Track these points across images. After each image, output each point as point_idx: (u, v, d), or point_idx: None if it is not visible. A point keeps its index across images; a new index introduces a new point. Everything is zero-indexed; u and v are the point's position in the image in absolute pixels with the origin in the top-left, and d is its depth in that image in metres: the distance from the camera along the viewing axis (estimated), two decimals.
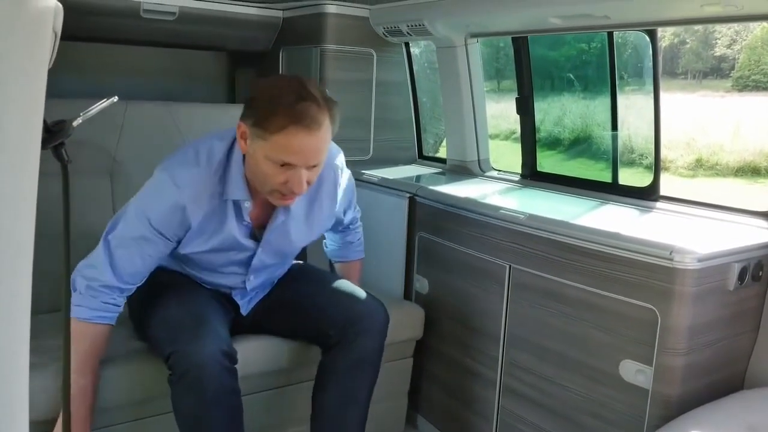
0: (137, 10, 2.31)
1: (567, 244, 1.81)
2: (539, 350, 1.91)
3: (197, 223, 1.62)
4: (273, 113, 1.46)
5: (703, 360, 1.66)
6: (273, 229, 1.72)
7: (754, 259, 1.67)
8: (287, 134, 1.46)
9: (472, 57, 2.56)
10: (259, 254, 1.75)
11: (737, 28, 9.89)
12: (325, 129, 1.51)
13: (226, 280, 1.82)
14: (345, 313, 1.79)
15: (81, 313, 1.58)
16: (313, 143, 1.49)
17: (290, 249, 1.83)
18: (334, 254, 2.13)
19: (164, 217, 1.59)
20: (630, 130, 4.05)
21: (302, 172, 1.51)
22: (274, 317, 1.88)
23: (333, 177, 1.81)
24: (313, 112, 1.47)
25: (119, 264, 1.60)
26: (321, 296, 1.86)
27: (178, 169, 1.60)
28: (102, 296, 1.59)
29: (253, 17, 2.64)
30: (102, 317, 1.60)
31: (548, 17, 2.07)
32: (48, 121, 0.82)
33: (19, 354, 0.65)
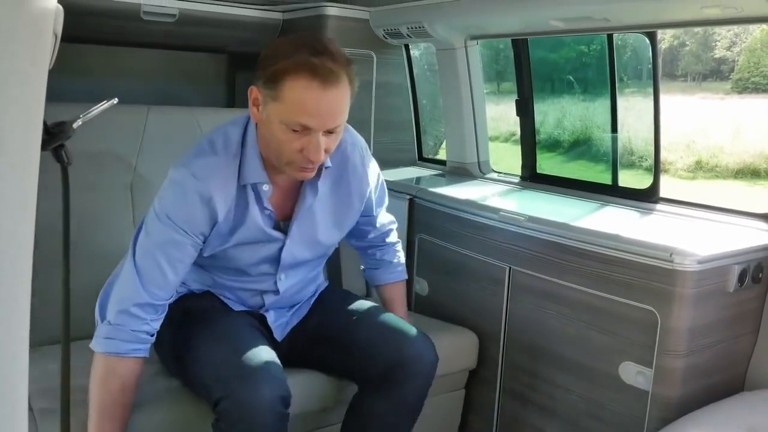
0: (137, 12, 2.31)
1: (567, 246, 1.81)
2: (539, 352, 1.91)
3: (224, 215, 1.47)
4: (285, 68, 1.32)
5: (703, 362, 1.66)
6: (300, 214, 1.56)
7: (754, 261, 1.67)
8: (301, 90, 1.32)
9: (472, 59, 2.56)
10: (288, 246, 1.58)
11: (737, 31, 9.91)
12: (343, 87, 1.36)
13: (257, 284, 1.65)
14: (391, 354, 1.60)
15: (110, 347, 1.41)
16: (329, 101, 1.34)
17: (321, 239, 1.63)
18: (374, 277, 1.89)
19: (189, 213, 1.44)
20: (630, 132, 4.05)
21: (319, 137, 1.36)
22: (310, 349, 1.71)
23: (359, 156, 1.64)
24: (329, 66, 1.32)
25: (148, 277, 1.43)
26: (363, 331, 1.66)
27: (194, 161, 1.46)
28: (133, 323, 1.42)
29: (253, 19, 2.64)
30: (136, 350, 1.42)
31: (548, 19, 2.07)
32: (48, 123, 0.82)
33: (18, 356, 0.65)
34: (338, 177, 1.60)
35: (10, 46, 0.59)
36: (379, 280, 1.88)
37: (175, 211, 1.44)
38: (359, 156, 1.64)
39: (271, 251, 1.58)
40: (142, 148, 2.11)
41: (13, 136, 0.62)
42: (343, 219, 1.65)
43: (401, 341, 1.62)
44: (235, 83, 3.07)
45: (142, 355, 1.44)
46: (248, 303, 1.68)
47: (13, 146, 0.62)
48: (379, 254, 1.86)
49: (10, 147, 0.62)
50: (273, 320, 1.69)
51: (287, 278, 1.65)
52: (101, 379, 1.41)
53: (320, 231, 1.61)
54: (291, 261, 1.61)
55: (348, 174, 1.62)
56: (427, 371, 1.62)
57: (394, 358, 1.59)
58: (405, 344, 1.62)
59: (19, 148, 0.63)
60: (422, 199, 2.33)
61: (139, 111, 2.14)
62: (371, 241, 1.83)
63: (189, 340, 1.53)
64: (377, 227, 1.81)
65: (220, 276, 1.64)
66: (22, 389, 0.65)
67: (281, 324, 1.70)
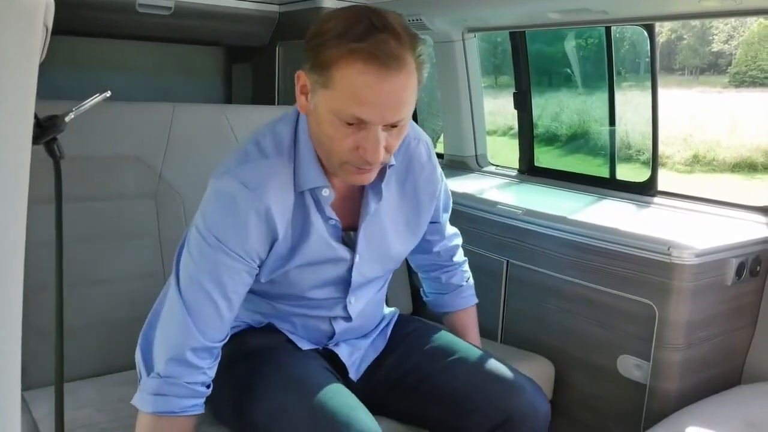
0: (132, 5, 2.29)
1: (564, 240, 1.81)
2: (536, 346, 1.91)
3: (284, 231, 1.22)
4: (337, 49, 1.07)
5: (700, 355, 1.66)
6: (367, 224, 1.31)
7: (751, 255, 1.67)
8: (356, 75, 1.06)
9: (470, 52, 2.55)
10: (358, 264, 1.33)
11: (734, 24, 9.91)
12: (408, 73, 1.10)
13: (323, 311, 1.39)
14: (495, 410, 1.32)
15: (163, 405, 1.17)
16: (391, 89, 1.08)
17: (392, 250, 1.39)
18: (442, 303, 1.63)
19: (243, 232, 1.18)
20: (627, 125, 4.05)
21: (378, 133, 1.11)
22: (391, 396, 1.43)
23: (426, 150, 1.41)
24: (390, 47, 1.06)
25: (200, 314, 1.18)
26: (458, 377, 1.37)
27: (242, 167, 1.20)
28: (188, 373, 1.17)
29: (250, 12, 2.63)
30: (193, 406, 1.19)
31: (546, 12, 2.06)
32: (40, 117, 0.81)
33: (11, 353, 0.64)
34: (404, 176, 1.37)
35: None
36: (447, 306, 1.62)
37: (224, 231, 1.18)
38: (425, 151, 1.41)
39: (339, 272, 1.33)
40: (168, 151, 1.86)
41: (4, 129, 0.61)
42: (416, 223, 1.41)
43: (505, 390, 1.34)
44: (231, 77, 3.06)
45: (198, 412, 1.20)
46: (316, 334, 1.41)
47: (4, 140, 0.61)
48: (445, 277, 1.61)
49: (1, 141, 0.61)
50: (347, 356, 1.41)
51: (357, 301, 1.39)
52: None
53: (391, 241, 1.37)
54: (361, 281, 1.37)
55: (415, 171, 1.38)
56: (541, 427, 1.35)
57: (501, 412, 1.32)
58: (511, 395, 1.33)
59: (10, 142, 0.62)
60: None
61: (163, 110, 1.92)
62: (437, 258, 1.59)
63: (252, 386, 1.27)
64: (444, 237, 1.58)
65: (281, 303, 1.37)
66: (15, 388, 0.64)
67: (355, 360, 1.43)
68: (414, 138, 1.39)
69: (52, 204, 0.86)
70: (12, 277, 0.64)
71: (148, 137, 1.86)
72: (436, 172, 1.44)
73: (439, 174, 1.45)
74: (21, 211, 0.64)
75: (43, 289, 1.23)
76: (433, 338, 1.47)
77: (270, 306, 1.38)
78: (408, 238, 1.41)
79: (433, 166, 1.43)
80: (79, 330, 1.59)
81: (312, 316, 1.39)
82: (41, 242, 1.01)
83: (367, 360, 1.45)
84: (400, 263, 1.46)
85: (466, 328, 1.61)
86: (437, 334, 1.50)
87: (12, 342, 0.64)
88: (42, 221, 0.97)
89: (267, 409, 1.23)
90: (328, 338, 1.42)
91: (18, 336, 0.65)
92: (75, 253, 1.37)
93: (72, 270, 1.01)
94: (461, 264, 1.63)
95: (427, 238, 1.53)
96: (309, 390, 1.22)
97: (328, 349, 1.42)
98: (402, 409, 1.43)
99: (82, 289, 1.63)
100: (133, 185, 1.80)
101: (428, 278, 1.64)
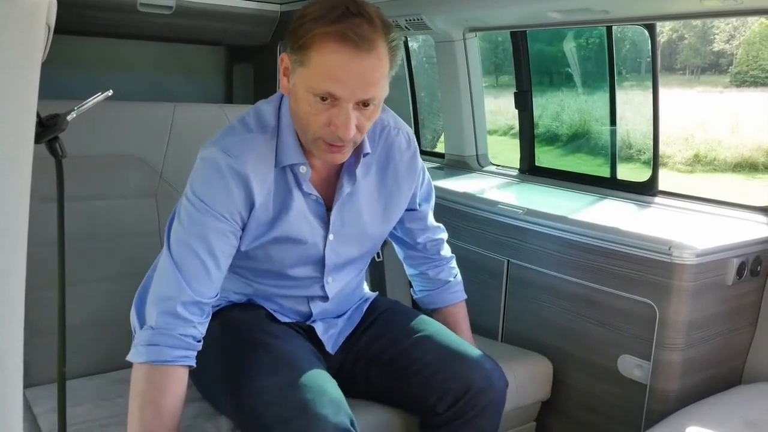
0: (134, 4, 2.29)
1: (565, 239, 1.81)
2: (537, 345, 1.91)
3: (262, 199, 1.30)
4: (312, 29, 1.16)
5: (701, 355, 1.66)
6: (340, 205, 1.38)
7: (752, 254, 1.67)
8: (330, 54, 1.15)
9: (471, 51, 2.56)
10: (331, 243, 1.40)
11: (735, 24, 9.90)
12: (379, 54, 1.18)
13: (302, 290, 1.46)
14: (458, 383, 1.39)
15: (155, 355, 1.21)
16: (361, 67, 1.16)
17: (366, 234, 1.45)
18: (430, 300, 1.67)
19: (225, 194, 1.27)
20: (628, 125, 4.05)
21: (349, 110, 1.18)
22: (364, 372, 1.50)
23: (406, 139, 1.47)
24: (363, 30, 1.15)
25: (189, 272, 1.25)
26: (424, 354, 1.44)
27: (227, 139, 1.30)
28: (180, 325, 1.23)
29: (251, 11, 2.63)
30: (185, 357, 1.23)
31: (547, 11, 2.06)
32: (42, 116, 0.81)
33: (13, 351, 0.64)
34: (384, 164, 1.44)
35: (1, 39, 0.59)
36: (436, 302, 1.66)
37: (210, 194, 1.26)
38: (405, 140, 1.47)
39: (315, 250, 1.40)
40: (169, 151, 1.86)
41: (6, 128, 0.61)
42: (394, 208, 1.48)
43: (467, 366, 1.41)
44: (232, 76, 3.06)
45: (190, 364, 1.24)
46: (294, 314, 1.49)
47: (6, 139, 0.61)
48: (433, 273, 1.65)
49: (3, 140, 0.61)
50: (322, 331, 1.49)
51: (334, 282, 1.46)
52: (144, 395, 1.21)
53: (367, 224, 1.44)
54: (337, 260, 1.43)
55: (395, 159, 1.45)
56: (500, 400, 1.43)
57: (461, 387, 1.39)
58: (472, 370, 1.41)
59: (13, 141, 0.62)
60: None
61: (164, 109, 1.92)
62: (424, 251, 1.64)
63: (238, 365, 1.33)
64: (428, 228, 1.62)
65: (261, 282, 1.45)
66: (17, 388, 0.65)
67: (332, 335, 1.51)
68: (394, 127, 1.46)
69: (53, 202, 0.86)
70: (14, 275, 0.64)
71: (148, 136, 1.86)
72: (417, 161, 1.50)
73: (419, 163, 1.52)
74: (23, 209, 0.64)
75: (44, 288, 1.23)
76: (407, 316, 1.55)
77: (251, 287, 1.46)
78: (384, 223, 1.48)
79: (413, 154, 1.49)
80: (79, 328, 1.60)
81: (291, 296, 1.46)
82: (42, 241, 1.01)
83: (343, 334, 1.52)
84: (376, 247, 1.53)
85: (456, 323, 1.64)
86: (412, 314, 1.57)
87: (14, 340, 0.64)
88: (43, 220, 0.98)
89: (250, 389, 1.27)
90: (307, 317, 1.49)
91: (20, 334, 0.65)
92: (75, 251, 1.39)
93: (72, 268, 1.02)
94: (449, 260, 1.67)
95: (408, 226, 1.60)
96: (290, 370, 1.28)
97: (306, 324, 1.49)
98: (374, 387, 1.49)
99: (82, 288, 1.64)
100: (133, 184, 1.81)
101: (417, 275, 1.68)
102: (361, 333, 1.53)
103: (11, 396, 0.64)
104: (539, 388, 1.83)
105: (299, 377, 1.25)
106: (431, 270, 1.65)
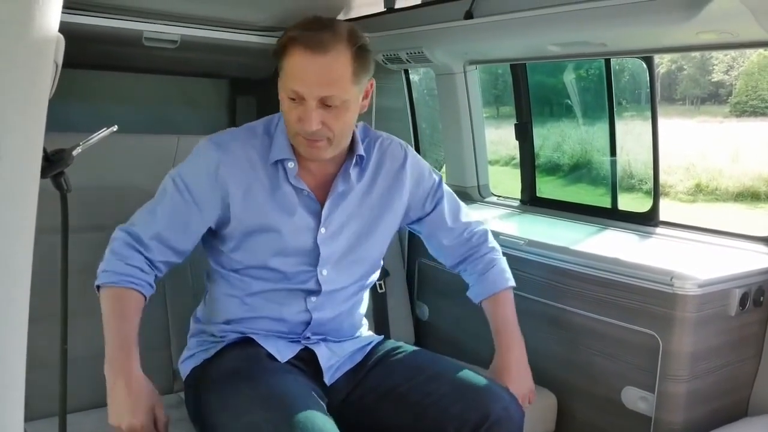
0: (139, 38, 2.32)
1: (567, 270, 1.81)
2: (539, 377, 1.89)
3: (241, 192, 1.45)
4: (285, 40, 1.37)
5: (706, 386, 1.64)
6: (333, 199, 1.51)
7: (755, 285, 1.67)
8: (292, 56, 1.35)
9: (471, 83, 2.58)
10: (323, 236, 1.50)
11: (734, 55, 9.99)
12: (336, 56, 1.35)
13: (297, 283, 1.51)
14: (476, 413, 1.38)
15: (105, 277, 1.41)
16: (316, 65, 1.34)
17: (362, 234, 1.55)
18: (479, 291, 1.66)
19: (196, 177, 1.45)
20: (629, 155, 4.06)
21: (312, 106, 1.35)
22: (374, 408, 1.49)
23: (400, 148, 1.63)
24: (324, 37, 1.34)
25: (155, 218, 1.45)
26: (439, 387, 1.44)
27: (219, 134, 1.51)
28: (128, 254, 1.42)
29: (254, 45, 2.66)
30: (128, 281, 1.40)
31: (546, 45, 2.09)
32: (48, 150, 0.82)
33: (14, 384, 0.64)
34: (377, 167, 1.58)
35: (10, 75, 0.60)
36: (484, 293, 1.65)
37: (185, 173, 1.46)
38: (399, 147, 1.63)
39: (306, 241, 1.50)
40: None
41: (13, 163, 0.62)
42: (385, 207, 1.58)
43: (482, 396, 1.41)
44: (236, 108, 3.09)
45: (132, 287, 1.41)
46: (292, 323, 1.52)
47: (13, 173, 0.62)
48: (470, 268, 1.69)
49: (10, 174, 0.62)
50: (325, 359, 1.50)
51: (330, 275, 1.52)
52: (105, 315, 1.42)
53: (361, 223, 1.55)
54: (330, 254, 1.52)
55: (387, 164, 1.59)
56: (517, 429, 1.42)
57: (478, 417, 1.38)
58: (487, 399, 1.40)
59: (19, 176, 0.63)
60: None
61: (167, 141, 2.00)
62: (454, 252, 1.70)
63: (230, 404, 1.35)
64: (451, 228, 1.68)
65: (255, 294, 1.51)
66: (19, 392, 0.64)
67: (333, 365, 1.52)
68: (387, 138, 1.63)
69: (57, 234, 0.87)
70: (17, 307, 0.64)
71: (153, 168, 1.85)
72: (411, 164, 1.62)
73: (418, 167, 1.64)
74: (27, 242, 0.65)
75: (46, 320, 1.23)
76: (417, 354, 1.57)
77: (241, 303, 1.51)
78: (378, 222, 1.58)
79: (405, 158, 1.61)
80: (80, 361, 1.58)
81: (287, 289, 1.50)
82: (45, 272, 1.02)
83: (342, 368, 1.53)
84: (374, 259, 1.61)
85: (504, 314, 1.62)
86: (420, 352, 1.60)
87: (15, 373, 0.64)
88: (47, 251, 0.98)
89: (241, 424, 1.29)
90: (305, 325, 1.52)
91: (22, 367, 0.65)
92: (79, 283, 1.40)
93: (75, 300, 1.03)
94: (492, 251, 1.69)
95: (428, 231, 1.70)
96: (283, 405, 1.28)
97: (309, 348, 1.51)
98: (391, 422, 1.47)
99: (84, 320, 1.63)
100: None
101: (462, 273, 1.72)
102: (367, 370, 1.54)
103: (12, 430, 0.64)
104: (544, 421, 1.82)
105: (294, 414, 1.24)
106: (469, 266, 1.69)
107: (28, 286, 0.65)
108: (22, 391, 0.65)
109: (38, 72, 0.62)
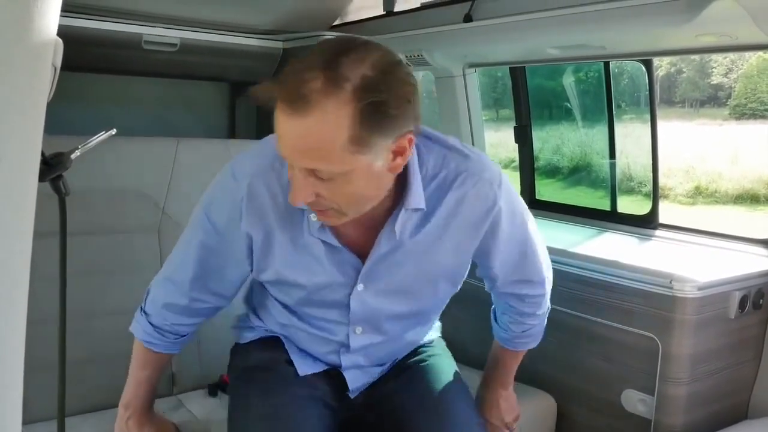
0: (138, 42, 2.32)
1: (566, 273, 1.80)
2: (539, 381, 1.89)
3: (262, 235, 1.20)
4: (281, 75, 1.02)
5: (705, 389, 1.64)
6: (374, 260, 1.22)
7: (754, 287, 1.67)
8: (277, 106, 1.00)
9: (471, 86, 2.58)
10: (359, 293, 1.24)
11: (733, 57, 10.00)
12: (324, 119, 0.96)
13: (326, 333, 1.33)
14: None
15: (135, 331, 1.38)
16: (290, 128, 0.98)
17: (415, 287, 1.28)
18: (505, 339, 1.50)
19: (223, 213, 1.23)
20: (629, 158, 4.06)
21: (296, 174, 1.03)
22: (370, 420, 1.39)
23: (490, 197, 1.23)
24: (306, 88, 0.95)
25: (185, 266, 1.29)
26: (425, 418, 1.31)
27: (241, 158, 1.22)
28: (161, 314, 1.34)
29: (254, 48, 2.66)
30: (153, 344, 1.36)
31: (545, 48, 2.09)
32: (46, 154, 0.82)
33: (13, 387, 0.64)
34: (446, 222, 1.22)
35: (9, 78, 0.60)
36: (502, 340, 1.51)
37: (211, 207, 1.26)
38: (490, 190, 1.23)
39: (337, 295, 1.26)
40: (171, 186, 1.87)
41: (12, 166, 0.62)
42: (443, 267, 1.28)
43: None
44: (235, 111, 3.09)
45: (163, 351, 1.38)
46: (321, 354, 1.37)
47: (11, 177, 0.62)
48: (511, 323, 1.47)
49: (8, 178, 0.62)
50: (352, 381, 1.36)
51: (365, 333, 1.31)
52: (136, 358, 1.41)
53: (412, 279, 1.26)
54: (366, 311, 1.28)
55: (462, 215, 1.22)
56: None
57: None
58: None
59: (18, 179, 0.63)
60: None
61: (167, 144, 1.94)
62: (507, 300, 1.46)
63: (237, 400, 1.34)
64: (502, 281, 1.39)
65: (299, 309, 1.33)
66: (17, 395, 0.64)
67: (358, 388, 1.38)
68: (475, 171, 1.21)
69: (55, 238, 0.87)
70: (15, 311, 0.64)
71: (152, 172, 1.88)
72: (483, 225, 1.25)
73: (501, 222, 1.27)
74: (26, 246, 0.65)
75: (45, 323, 1.23)
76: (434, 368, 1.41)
77: (287, 317, 1.35)
78: (433, 281, 1.30)
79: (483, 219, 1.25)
80: (79, 364, 1.58)
81: (323, 337, 1.33)
82: (44, 275, 1.02)
83: (368, 378, 1.39)
84: (439, 301, 1.37)
85: (506, 365, 1.51)
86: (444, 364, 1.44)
87: (14, 375, 0.64)
88: (46, 255, 0.98)
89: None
90: (335, 366, 1.37)
91: (20, 370, 0.65)
92: (77, 286, 1.40)
93: (73, 303, 1.03)
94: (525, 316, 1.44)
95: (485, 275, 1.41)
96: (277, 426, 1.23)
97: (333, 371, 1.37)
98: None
99: (83, 323, 1.63)
100: (136, 219, 1.81)
101: (498, 312, 1.53)
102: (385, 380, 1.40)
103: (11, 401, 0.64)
104: (543, 425, 1.82)
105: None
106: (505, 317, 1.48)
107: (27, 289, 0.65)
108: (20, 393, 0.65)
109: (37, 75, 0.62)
